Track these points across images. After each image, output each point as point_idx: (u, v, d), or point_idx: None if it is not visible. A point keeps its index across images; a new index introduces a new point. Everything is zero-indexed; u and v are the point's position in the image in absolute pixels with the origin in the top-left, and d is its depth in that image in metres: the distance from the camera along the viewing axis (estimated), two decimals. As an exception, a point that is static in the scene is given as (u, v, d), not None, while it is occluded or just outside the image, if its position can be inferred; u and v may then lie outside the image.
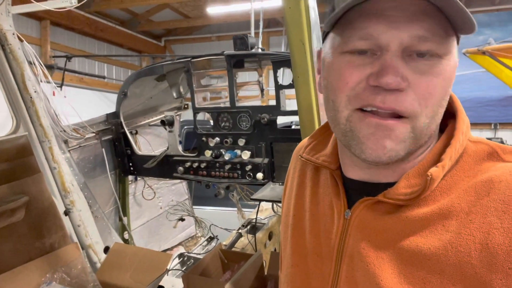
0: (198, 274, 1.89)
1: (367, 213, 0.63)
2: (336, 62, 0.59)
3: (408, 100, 0.54)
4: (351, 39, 0.56)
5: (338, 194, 0.68)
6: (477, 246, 0.52)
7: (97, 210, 2.34)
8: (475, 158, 0.60)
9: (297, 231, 0.75)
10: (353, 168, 0.67)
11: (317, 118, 1.39)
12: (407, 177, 0.59)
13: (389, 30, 0.53)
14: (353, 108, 0.57)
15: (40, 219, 1.96)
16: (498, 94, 7.98)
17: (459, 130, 0.60)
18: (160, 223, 3.16)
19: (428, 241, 0.55)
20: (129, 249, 2.30)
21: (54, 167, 2.13)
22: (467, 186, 0.57)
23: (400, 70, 0.53)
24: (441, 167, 0.57)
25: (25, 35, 6.93)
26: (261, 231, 2.77)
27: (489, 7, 8.16)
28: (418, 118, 0.55)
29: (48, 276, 1.92)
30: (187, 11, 9.02)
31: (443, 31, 0.53)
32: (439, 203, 0.57)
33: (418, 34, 0.52)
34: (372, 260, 0.59)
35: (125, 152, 2.64)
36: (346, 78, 0.57)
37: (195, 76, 2.30)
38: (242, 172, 2.22)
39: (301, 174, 0.80)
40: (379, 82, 0.53)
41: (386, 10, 0.53)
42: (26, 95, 2.02)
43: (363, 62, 0.56)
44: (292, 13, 1.27)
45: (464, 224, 0.54)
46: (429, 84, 0.54)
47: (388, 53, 0.54)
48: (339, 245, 0.65)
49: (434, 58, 0.54)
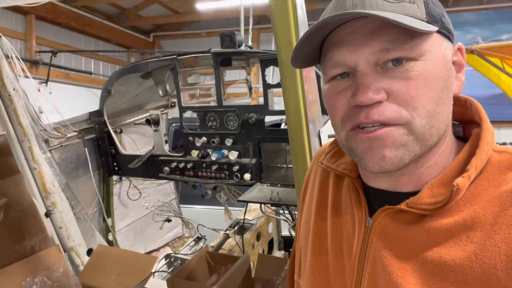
0: (183, 277, 1.85)
1: (389, 222, 0.63)
2: (326, 90, 0.64)
3: (391, 109, 0.56)
4: (327, 70, 0.63)
5: (359, 202, 0.69)
6: (502, 258, 0.51)
7: (79, 211, 2.28)
8: (500, 168, 0.59)
9: (318, 238, 0.75)
10: (373, 177, 0.68)
11: (305, 118, 1.36)
12: (430, 186, 0.60)
13: (351, 53, 0.58)
14: (347, 129, 0.61)
15: (20, 221, 1.89)
16: (486, 93, 8.03)
17: (484, 139, 0.60)
18: (146, 224, 3.11)
19: (452, 252, 0.55)
20: (113, 251, 2.24)
21: (34, 167, 2.06)
22: (491, 197, 0.56)
23: (372, 85, 0.56)
24: (467, 178, 0.57)
25: (9, 29, 6.77)
26: (249, 232, 2.74)
27: (477, 6, 8.21)
28: (410, 121, 0.56)
29: (28, 280, 1.87)
30: (176, 6, 8.91)
31: (407, 36, 0.55)
32: (463, 213, 0.57)
33: (379, 48, 0.56)
34: (395, 270, 0.59)
35: (109, 151, 2.57)
36: (335, 103, 0.62)
37: (181, 74, 2.25)
38: (229, 172, 2.18)
39: (322, 180, 0.81)
40: (355, 102, 0.58)
41: (345, 36, 0.59)
42: (4, 93, 1.94)
43: (345, 85, 0.60)
44: (279, 11, 1.22)
45: (489, 235, 0.54)
46: (408, 89, 0.56)
47: (358, 73, 0.58)
48: (361, 253, 0.65)
49: (409, 62, 0.56)
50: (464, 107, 0.67)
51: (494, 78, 4.22)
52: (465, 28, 7.82)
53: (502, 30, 7.65)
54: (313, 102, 1.41)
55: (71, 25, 8.07)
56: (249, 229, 2.77)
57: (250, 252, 2.55)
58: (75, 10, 7.93)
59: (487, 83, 4.62)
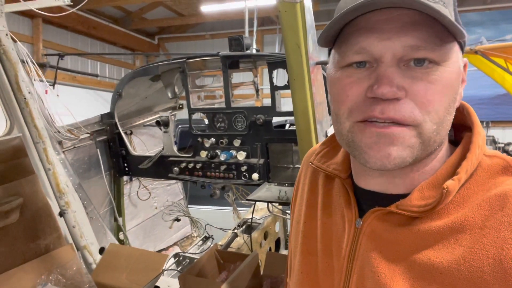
0: (194, 274, 1.90)
1: (379, 224, 0.62)
2: (337, 76, 0.61)
3: (407, 109, 0.55)
4: (347, 54, 0.58)
5: (349, 203, 0.68)
6: (490, 261, 0.51)
7: (92, 211, 2.33)
8: (490, 172, 0.59)
9: (307, 239, 0.75)
10: (364, 177, 0.67)
11: (313, 120, 1.40)
12: (420, 189, 0.59)
13: (381, 42, 0.55)
14: (354, 120, 0.58)
15: (34, 221, 1.95)
16: (490, 93, 8.05)
17: (475, 143, 0.60)
18: (156, 223, 3.16)
19: (440, 255, 0.55)
20: (124, 250, 2.30)
21: (49, 168, 2.12)
22: (481, 200, 0.56)
23: (395, 80, 0.54)
24: (457, 180, 0.57)
25: (17, 33, 6.85)
26: (257, 231, 2.78)
27: (481, 6, 8.21)
28: (422, 124, 0.55)
29: (43, 278, 1.92)
30: (180, 9, 8.98)
31: (437, 39, 0.54)
32: (452, 216, 0.57)
33: (410, 43, 0.54)
34: (383, 271, 0.59)
35: (120, 152, 2.63)
36: (346, 92, 0.59)
37: (190, 76, 2.29)
38: (237, 172, 2.22)
39: (312, 181, 0.80)
40: (375, 93, 0.55)
41: (377, 23, 0.55)
42: (20, 96, 2.00)
43: (362, 75, 0.57)
44: (288, 16, 1.27)
45: (478, 238, 0.53)
46: (427, 92, 0.55)
47: (383, 65, 0.55)
48: (350, 254, 0.65)
49: (432, 65, 0.55)
50: (457, 110, 0.65)
51: (498, 78, 4.23)
52: (469, 28, 7.81)
53: (506, 30, 7.64)
54: (320, 103, 1.46)
55: (78, 28, 8.17)
56: (256, 228, 2.81)
57: (258, 250, 2.59)
58: (81, 14, 8.01)
59: (491, 83, 4.63)
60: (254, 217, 2.80)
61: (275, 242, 3.08)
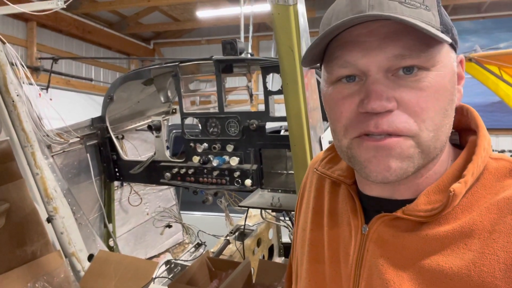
0: (184, 282, 1.86)
1: (385, 229, 0.61)
2: (329, 93, 0.61)
3: (401, 120, 0.54)
4: (334, 69, 0.59)
5: (355, 210, 0.67)
6: (501, 266, 0.51)
7: (81, 216, 2.29)
8: (497, 175, 0.59)
9: (314, 247, 0.74)
10: (369, 185, 0.66)
11: (306, 125, 1.38)
12: (427, 193, 0.58)
13: (365, 56, 0.55)
14: (351, 137, 0.59)
15: (21, 227, 1.90)
16: (484, 100, 8.09)
17: (481, 146, 0.60)
18: (147, 230, 3.11)
19: (449, 260, 0.54)
20: (114, 257, 2.25)
21: (37, 172, 2.07)
22: (489, 204, 0.56)
23: (384, 93, 0.54)
24: (464, 183, 0.56)
25: (11, 36, 6.81)
26: (250, 238, 2.75)
27: (475, 15, 8.30)
28: (419, 134, 0.55)
29: (29, 286, 1.87)
30: (176, 14, 8.98)
31: (423, 45, 0.54)
32: (460, 221, 0.56)
33: (394, 53, 0.54)
34: (392, 278, 0.58)
35: (111, 157, 2.59)
36: (340, 108, 0.59)
37: (183, 80, 2.27)
38: (230, 178, 2.19)
39: (318, 188, 0.79)
40: (365, 109, 0.55)
41: (359, 36, 0.55)
42: (8, 98, 1.96)
43: (352, 90, 0.58)
44: (281, 19, 1.25)
45: (487, 243, 0.53)
46: (419, 100, 0.54)
47: (370, 78, 0.55)
48: (357, 261, 0.64)
49: (421, 71, 0.54)
50: (461, 114, 0.66)
51: (492, 85, 4.25)
52: (463, 37, 7.89)
53: (499, 39, 7.71)
54: (314, 108, 1.43)
55: (72, 32, 8.12)
56: (249, 235, 2.78)
57: (251, 258, 2.55)
58: (76, 17, 7.98)
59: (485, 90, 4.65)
60: (247, 224, 2.76)
61: (268, 249, 3.04)
